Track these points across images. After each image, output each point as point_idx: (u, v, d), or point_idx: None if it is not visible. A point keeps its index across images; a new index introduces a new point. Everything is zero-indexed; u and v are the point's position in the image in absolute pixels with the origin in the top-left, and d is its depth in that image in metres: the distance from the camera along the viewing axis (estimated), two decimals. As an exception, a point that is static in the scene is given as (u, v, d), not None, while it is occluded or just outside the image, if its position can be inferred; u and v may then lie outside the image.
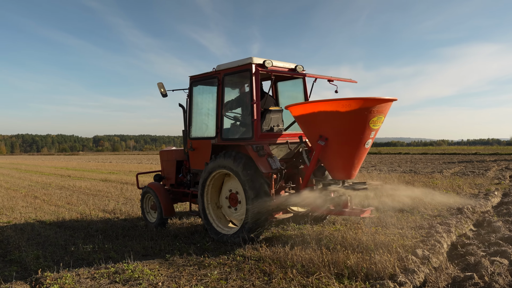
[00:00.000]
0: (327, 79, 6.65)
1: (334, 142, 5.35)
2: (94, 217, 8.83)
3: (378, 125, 5.27)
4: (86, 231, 7.46)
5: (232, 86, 6.72)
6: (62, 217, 8.95)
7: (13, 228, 7.92)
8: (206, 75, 6.66)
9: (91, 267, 5.27)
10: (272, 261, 5.11)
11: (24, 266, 5.46)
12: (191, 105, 6.96)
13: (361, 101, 5.02)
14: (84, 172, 24.49)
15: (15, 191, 14.61)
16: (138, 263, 5.35)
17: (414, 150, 45.21)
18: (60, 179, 19.33)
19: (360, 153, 5.39)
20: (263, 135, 6.15)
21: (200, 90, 6.96)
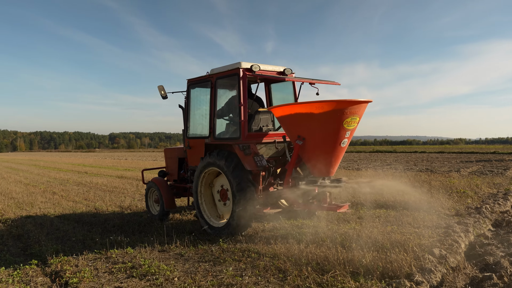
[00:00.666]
0: (309, 82, 6.94)
1: (311, 141, 5.74)
2: (110, 213, 8.98)
3: (352, 126, 5.62)
4: (103, 227, 7.59)
5: (224, 89, 7.07)
6: (80, 213, 9.12)
7: (33, 223, 8.11)
8: (201, 78, 7.15)
9: (109, 262, 5.37)
10: (287, 258, 5.13)
11: (44, 260, 5.60)
12: (188, 106, 7.46)
13: (334, 103, 5.40)
14: (100, 168, 24.87)
15: (34, 187, 14.94)
16: (154, 258, 5.43)
17: (431, 148, 44.54)
18: (77, 176, 19.68)
19: (336, 152, 5.77)
20: (251, 135, 6.56)
21: (197, 93, 7.42)
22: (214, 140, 6.81)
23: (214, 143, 6.79)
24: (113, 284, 4.57)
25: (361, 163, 23.51)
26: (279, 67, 7.05)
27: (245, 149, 6.17)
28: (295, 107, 5.73)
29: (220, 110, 6.94)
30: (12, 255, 6.01)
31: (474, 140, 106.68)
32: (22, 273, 5.12)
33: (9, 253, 6.07)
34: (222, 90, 7.06)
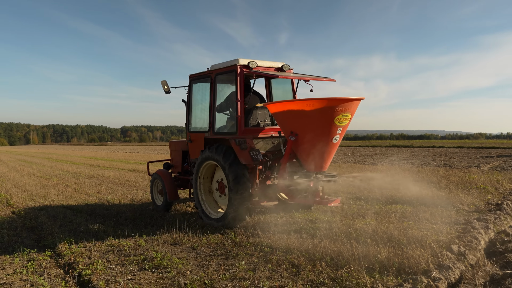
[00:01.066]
0: (303, 79, 7.14)
1: (303, 138, 6.01)
2: (123, 206, 9.09)
3: (344, 122, 5.88)
4: (115, 220, 7.70)
5: (223, 85, 7.32)
6: (92, 206, 9.26)
7: (46, 215, 8.27)
8: (202, 74, 7.44)
9: (121, 254, 5.45)
10: (300, 253, 5.13)
11: (58, 252, 5.71)
12: (190, 101, 7.78)
13: (325, 101, 5.66)
14: (112, 162, 25.18)
15: (47, 180, 15.21)
16: (166, 251, 5.49)
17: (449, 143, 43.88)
18: (90, 169, 19.96)
19: (328, 148, 6.03)
20: (248, 130, 6.84)
21: (198, 88, 7.71)
22: (213, 135, 7.07)
23: (214, 138, 7.05)
24: (126, 276, 4.64)
25: (377, 158, 23.30)
26: (277, 63, 7.24)
27: (241, 144, 6.45)
28: (288, 104, 6.02)
29: (220, 106, 7.19)
30: (26, 246, 6.14)
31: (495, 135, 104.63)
32: (36, 264, 5.24)
33: (23, 245, 6.20)
34: (222, 86, 7.30)
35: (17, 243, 6.30)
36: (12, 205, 9.68)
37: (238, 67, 6.68)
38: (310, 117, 5.77)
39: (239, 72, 6.67)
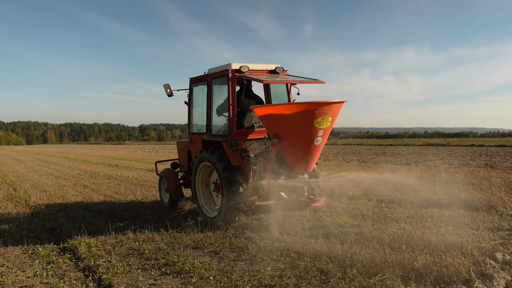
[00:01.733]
0: (290, 83, 7.77)
1: (286, 140, 6.54)
2: (142, 208, 9.24)
3: (325, 125, 6.34)
4: (135, 222, 7.84)
5: (218, 88, 7.87)
6: (111, 207, 9.45)
7: (65, 216, 8.50)
8: (200, 78, 8.08)
9: (142, 258, 5.55)
10: (329, 259, 5.09)
11: (77, 255, 5.85)
12: (190, 104, 8.48)
13: (304, 105, 6.19)
14: (131, 161, 25.64)
15: (65, 180, 15.63)
16: (188, 255, 5.55)
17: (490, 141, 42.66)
18: (108, 169, 20.39)
19: (311, 150, 6.54)
20: (241, 132, 7.45)
21: (197, 91, 8.39)
22: (210, 137, 7.72)
23: (210, 140, 7.64)
24: (147, 281, 4.71)
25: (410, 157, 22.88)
26: (271, 65, 7.80)
27: (232, 146, 7.04)
28: (271, 108, 6.53)
29: (215, 108, 7.81)
30: (45, 248, 6.33)
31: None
32: (56, 267, 5.39)
33: (42, 247, 6.40)
34: (218, 89, 7.87)
35: (36, 245, 6.51)
36: (30, 205, 10.00)
37: (230, 71, 7.25)
38: (291, 120, 6.30)
39: (230, 77, 7.24)
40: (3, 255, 5.98)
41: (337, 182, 7.65)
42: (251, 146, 7.56)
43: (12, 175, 18.24)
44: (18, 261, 5.69)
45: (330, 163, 19.78)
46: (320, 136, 6.46)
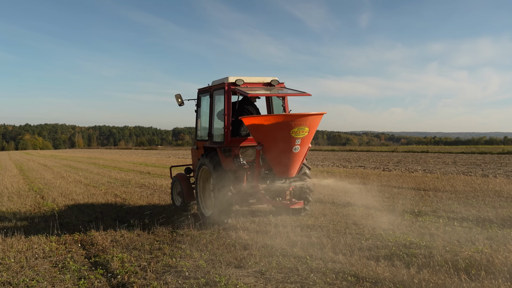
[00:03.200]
0: (277, 96, 9.49)
1: (268, 147, 7.99)
2: (178, 220, 9.43)
3: (302, 135, 7.72)
4: (171, 236, 8.02)
5: (218, 99, 9.44)
6: (144, 218, 9.71)
7: (96, 228, 8.82)
8: (205, 89, 9.88)
9: (179, 276, 5.67)
10: (393, 285, 4.98)
11: (110, 270, 6.07)
12: (198, 113, 10.35)
13: (282, 117, 7.76)
14: (164, 169, 26.27)
15: (95, 188, 16.25)
16: (231, 275, 5.61)
17: None
18: (140, 176, 21.00)
19: (290, 157, 7.92)
20: (234, 140, 8.95)
21: (203, 101, 10.17)
22: (211, 144, 9.28)
23: (210, 146, 9.16)
24: (186, 302, 4.80)
25: (487, 167, 21.99)
26: (267, 78, 9.38)
27: (225, 152, 8.69)
28: (254, 118, 7.98)
29: (216, 117, 9.37)
30: (76, 262, 6.60)
31: None
32: (88, 283, 5.61)
33: (72, 260, 6.68)
34: (218, 100, 9.42)
35: (66, 258, 6.80)
36: (59, 215, 10.46)
37: (226, 84, 8.88)
38: (271, 130, 7.73)
39: (226, 89, 8.87)
40: (33, 268, 6.30)
41: None
42: (246, 152, 9.15)
43: (39, 182, 19.19)
44: (48, 275, 5.97)
45: (390, 174, 19.38)
46: (298, 145, 7.83)
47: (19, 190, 16.29)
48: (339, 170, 21.82)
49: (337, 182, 12.64)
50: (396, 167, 23.87)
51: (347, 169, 23.11)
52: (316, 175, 18.96)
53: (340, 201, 11.43)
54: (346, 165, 25.92)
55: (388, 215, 9.31)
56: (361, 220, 8.84)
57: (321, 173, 19.95)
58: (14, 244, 7.64)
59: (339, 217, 9.28)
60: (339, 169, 22.75)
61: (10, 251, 7.25)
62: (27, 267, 6.34)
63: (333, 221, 8.93)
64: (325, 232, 7.99)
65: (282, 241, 7.36)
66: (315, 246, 6.95)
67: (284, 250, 6.79)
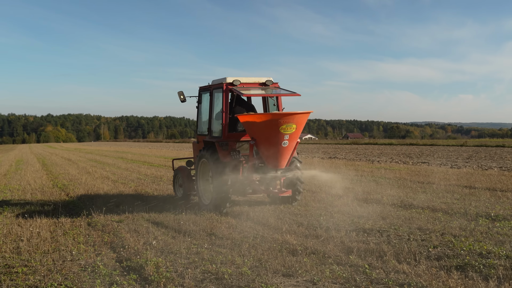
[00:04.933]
0: (268, 96, 11.49)
1: (259, 142, 9.98)
2: (216, 221, 9.55)
3: (290, 131, 9.65)
4: (209, 239, 8.12)
5: (217, 97, 11.41)
6: (178, 219, 9.89)
7: (126, 229, 9.05)
8: (206, 87, 11.87)
9: (221, 284, 5.74)
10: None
11: (144, 276, 6.21)
12: (199, 109, 12.36)
13: (270, 115, 9.93)
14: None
15: (123, 185, 16.67)
16: (279, 284, 5.64)
17: None
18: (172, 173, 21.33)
19: (280, 150, 9.89)
20: (232, 135, 10.90)
21: (204, 98, 12.16)
22: (210, 138, 11.20)
23: (209, 141, 11.11)
24: (229, 313, 4.85)
25: None
26: (262, 78, 11.35)
27: (222, 146, 10.61)
28: (247, 116, 9.97)
29: (216, 114, 11.30)
30: (106, 266, 6.79)
31: None
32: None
33: (102, 264, 6.87)
34: (217, 99, 11.37)
35: (96, 262, 7.00)
36: (86, 214, 10.79)
37: (224, 84, 10.82)
38: (262, 127, 9.72)
39: (224, 89, 10.82)
40: (60, 271, 6.51)
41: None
42: (243, 146, 11.00)
43: (63, 178, 19.87)
44: (78, 280, 6.16)
45: (460, 171, 18.88)
46: (287, 140, 9.76)
47: (43, 186, 16.92)
48: (399, 167, 21.47)
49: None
50: (466, 163, 23.25)
51: (408, 165, 22.72)
52: (372, 172, 18.74)
53: (401, 202, 11.25)
54: (406, 161, 25.47)
55: (459, 219, 9.10)
56: (427, 225, 8.68)
57: (378, 170, 19.69)
58: (40, 245, 7.94)
59: (400, 220, 9.14)
60: (398, 166, 22.39)
61: (35, 252, 7.54)
62: (55, 270, 6.57)
63: (394, 225, 8.81)
64: (385, 238, 7.90)
65: (336, 247, 7.32)
66: (374, 253, 6.89)
67: (338, 258, 6.76)
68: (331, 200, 11.86)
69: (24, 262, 7.04)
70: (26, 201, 13.09)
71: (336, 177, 15.09)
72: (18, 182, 18.39)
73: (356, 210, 10.29)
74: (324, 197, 12.27)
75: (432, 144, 50.93)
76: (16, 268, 6.74)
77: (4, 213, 11.27)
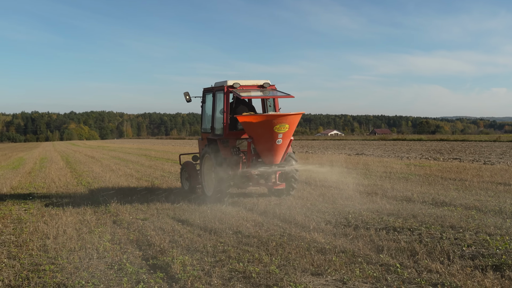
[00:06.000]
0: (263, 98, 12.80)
1: (255, 140, 11.25)
2: (242, 219, 9.58)
3: (283, 130, 10.82)
4: (236, 237, 8.16)
5: (219, 98, 12.62)
6: (204, 217, 9.96)
7: (152, 227, 9.16)
8: (209, 89, 13.23)
9: (248, 283, 5.77)
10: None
11: (171, 274, 6.28)
12: (203, 109, 13.76)
13: (265, 116, 11.08)
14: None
15: (147, 182, 16.85)
16: (308, 283, 5.65)
17: None
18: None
19: (274, 147, 11.10)
20: (232, 133, 12.19)
21: (207, 99, 13.42)
22: (213, 136, 12.55)
23: (213, 138, 12.43)
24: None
25: None
26: (259, 81, 12.57)
27: (224, 143, 11.89)
28: (245, 117, 11.15)
29: (218, 114, 12.56)
30: (133, 264, 6.88)
31: None
32: (147, 287, 5.83)
33: (129, 262, 6.97)
34: (219, 100, 12.58)
35: (122, 259, 7.10)
36: (112, 212, 10.95)
37: (226, 87, 12.05)
38: (258, 126, 10.96)
39: (225, 91, 12.04)
40: (87, 269, 6.64)
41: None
42: (243, 144, 12.32)
43: (87, 176, 20.17)
44: (104, 278, 6.27)
45: (493, 168, 18.56)
46: (281, 138, 10.96)
47: (67, 184, 17.22)
48: (430, 163, 21.21)
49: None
50: (500, 159, 22.84)
51: (439, 162, 22.43)
52: (401, 169, 18.56)
53: (432, 200, 11.13)
54: (437, 158, 25.15)
55: (494, 218, 8.97)
56: (460, 223, 8.57)
57: (407, 167, 19.49)
58: (66, 243, 8.09)
59: (432, 219, 9.04)
60: (429, 162, 22.13)
61: (62, 250, 7.69)
62: (82, 268, 6.69)
63: (425, 223, 8.72)
64: (416, 236, 7.83)
65: (365, 245, 7.29)
66: (405, 252, 6.85)
67: (368, 256, 6.73)
68: (359, 197, 11.80)
69: (51, 260, 7.19)
70: (51, 199, 13.34)
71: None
72: (43, 180, 18.77)
73: (386, 208, 10.22)
74: (351, 195, 12.21)
75: (463, 139, 50.13)
76: (43, 265, 6.90)
77: (30, 210, 11.53)
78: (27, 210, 11.72)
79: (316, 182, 14.88)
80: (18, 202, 13.10)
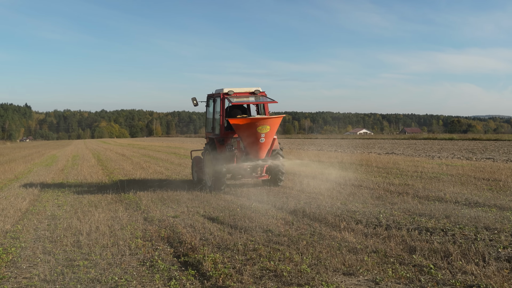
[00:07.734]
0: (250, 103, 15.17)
1: (243, 139, 13.49)
2: (272, 218, 9.58)
3: (265, 130, 12.93)
4: (266, 235, 8.16)
5: (218, 103, 14.65)
6: (233, 215, 9.99)
7: (182, 224, 9.23)
8: (211, 95, 15.44)
9: (280, 281, 5.78)
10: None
11: (202, 271, 6.33)
12: (207, 111, 16.03)
13: (249, 120, 13.15)
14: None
15: (177, 180, 16.98)
16: (340, 283, 5.61)
17: None
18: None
19: (259, 145, 13.19)
20: (228, 133, 14.23)
21: (210, 103, 15.60)
22: (214, 135, 14.54)
23: (212, 137, 14.49)
24: (289, 311, 4.87)
25: None
26: (251, 88, 14.66)
27: (220, 141, 14.06)
28: (234, 120, 12.99)
29: (218, 117, 14.59)
30: (164, 261, 6.95)
31: None
32: (179, 284, 5.90)
33: (160, 259, 7.05)
34: (218, 105, 14.66)
35: (154, 256, 7.19)
36: (143, 209, 11.08)
37: (221, 94, 14.17)
38: (244, 128, 13.03)
39: (221, 98, 14.17)
40: (120, 265, 6.74)
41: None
42: (235, 142, 14.25)
43: (118, 173, 20.46)
44: (137, 274, 6.36)
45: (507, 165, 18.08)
46: (263, 137, 13.01)
47: (99, 181, 17.52)
48: (462, 163, 20.84)
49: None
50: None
51: (472, 161, 22.01)
52: (432, 168, 18.28)
53: (465, 200, 10.93)
54: (470, 157, 24.69)
55: None
56: (495, 224, 8.39)
57: (439, 166, 19.20)
58: (99, 239, 8.22)
59: (466, 219, 8.87)
60: (461, 162, 21.74)
61: (95, 246, 7.82)
62: (114, 264, 6.80)
63: (459, 224, 8.57)
64: (450, 237, 7.70)
65: (397, 245, 7.22)
66: (439, 253, 6.75)
67: (401, 257, 6.66)
68: (390, 197, 11.68)
69: (84, 256, 7.32)
70: (84, 196, 13.57)
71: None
72: (75, 177, 19.12)
73: (417, 208, 10.09)
74: (382, 194, 12.09)
75: (496, 139, 49.06)
76: (77, 261, 7.02)
77: (64, 207, 11.76)
78: (61, 206, 11.95)
79: (346, 182, 14.77)
80: (52, 198, 13.38)
